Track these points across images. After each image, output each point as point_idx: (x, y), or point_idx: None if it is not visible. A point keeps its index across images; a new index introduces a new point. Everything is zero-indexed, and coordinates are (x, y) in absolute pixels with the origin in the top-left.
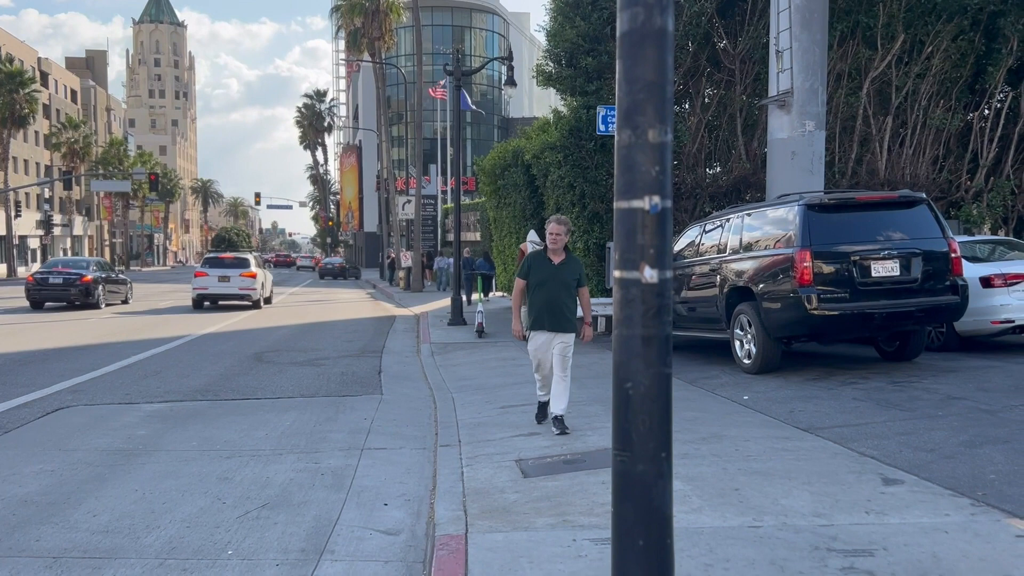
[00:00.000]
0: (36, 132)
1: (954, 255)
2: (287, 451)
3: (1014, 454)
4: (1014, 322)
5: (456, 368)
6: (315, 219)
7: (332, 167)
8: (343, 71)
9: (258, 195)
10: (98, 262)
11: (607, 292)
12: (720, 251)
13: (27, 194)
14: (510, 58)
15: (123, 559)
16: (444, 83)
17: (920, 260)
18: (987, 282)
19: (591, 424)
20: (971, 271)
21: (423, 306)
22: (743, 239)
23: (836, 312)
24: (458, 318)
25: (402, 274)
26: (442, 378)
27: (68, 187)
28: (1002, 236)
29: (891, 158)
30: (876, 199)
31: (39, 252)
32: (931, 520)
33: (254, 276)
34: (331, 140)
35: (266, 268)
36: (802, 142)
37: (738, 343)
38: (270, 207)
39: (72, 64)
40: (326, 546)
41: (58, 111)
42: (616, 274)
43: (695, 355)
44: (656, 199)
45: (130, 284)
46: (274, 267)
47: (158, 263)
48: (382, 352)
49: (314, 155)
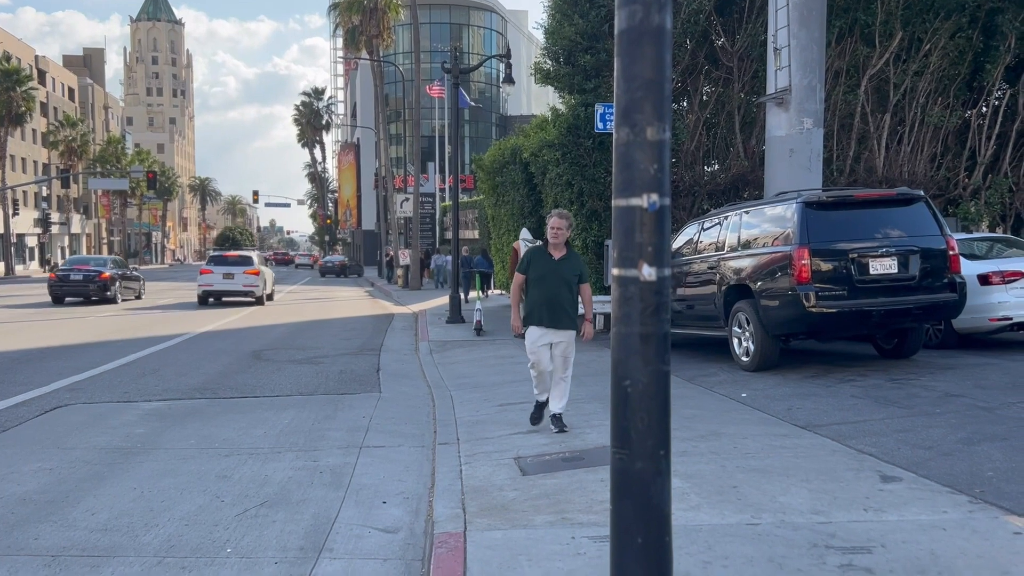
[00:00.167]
0: (34, 130)
1: (952, 253)
2: (286, 449)
3: (1012, 451)
4: (1012, 319)
5: (454, 366)
6: (313, 217)
7: (330, 165)
8: (341, 69)
9: (256, 193)
10: (114, 260)
11: (605, 290)
12: (718, 249)
13: (25, 192)
14: (508, 56)
15: (122, 557)
16: (441, 81)
17: (918, 258)
18: (985, 279)
19: (589, 422)
20: (969, 268)
21: (421, 304)
22: (741, 237)
23: (834, 309)
24: (456, 316)
25: (400, 272)
26: (440, 376)
27: (66, 185)
28: (1000, 233)
29: (889, 156)
30: (874, 197)
31: (37, 250)
32: (929, 517)
33: (257, 273)
34: (329, 138)
35: (268, 266)
36: (800, 140)
37: (736, 341)
38: (268, 205)
39: (69, 62)
40: (325, 544)
41: (56, 109)
42: (614, 272)
43: (693, 353)
44: (654, 197)
45: (143, 281)
46: (273, 265)
47: (156, 261)
48: (380, 350)
49: (312, 153)
